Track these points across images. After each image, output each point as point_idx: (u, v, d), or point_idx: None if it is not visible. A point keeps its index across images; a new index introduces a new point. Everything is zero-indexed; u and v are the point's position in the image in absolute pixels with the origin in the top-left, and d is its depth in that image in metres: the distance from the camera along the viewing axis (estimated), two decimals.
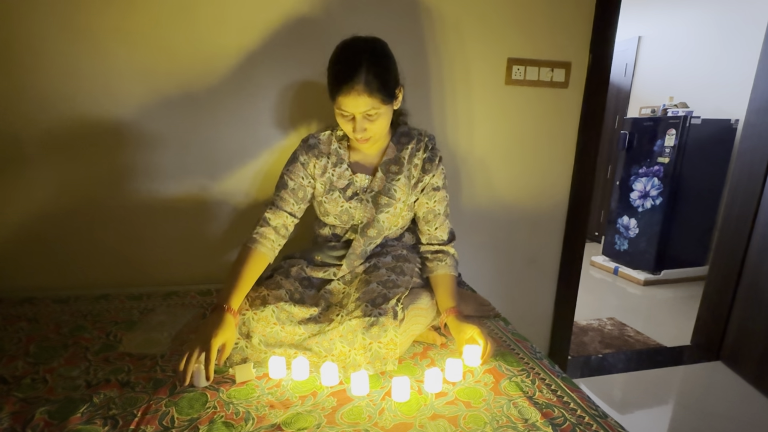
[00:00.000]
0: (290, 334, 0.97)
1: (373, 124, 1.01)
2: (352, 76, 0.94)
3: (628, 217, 3.35)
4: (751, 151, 1.98)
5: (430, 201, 1.15)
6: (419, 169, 1.13)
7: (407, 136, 1.15)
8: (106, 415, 0.77)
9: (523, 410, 0.81)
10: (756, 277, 1.92)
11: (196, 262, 1.44)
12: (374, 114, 1.00)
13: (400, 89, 1.06)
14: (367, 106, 0.97)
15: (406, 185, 1.12)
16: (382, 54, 1.01)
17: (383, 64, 0.99)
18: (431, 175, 1.13)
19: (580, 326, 2.44)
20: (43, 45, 1.21)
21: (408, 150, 1.13)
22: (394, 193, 1.11)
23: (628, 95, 4.02)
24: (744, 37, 3.00)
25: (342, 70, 0.96)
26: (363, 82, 0.94)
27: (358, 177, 1.13)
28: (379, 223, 1.12)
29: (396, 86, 1.04)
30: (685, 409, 1.75)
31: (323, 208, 1.15)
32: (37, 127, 1.25)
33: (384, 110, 1.01)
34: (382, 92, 0.98)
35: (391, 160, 1.13)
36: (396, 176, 1.12)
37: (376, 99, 0.97)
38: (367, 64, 0.95)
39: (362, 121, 1.00)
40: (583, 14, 1.51)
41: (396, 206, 1.12)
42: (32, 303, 1.24)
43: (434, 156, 1.14)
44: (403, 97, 1.09)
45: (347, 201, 1.12)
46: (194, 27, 1.26)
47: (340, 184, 1.13)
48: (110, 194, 1.34)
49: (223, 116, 1.34)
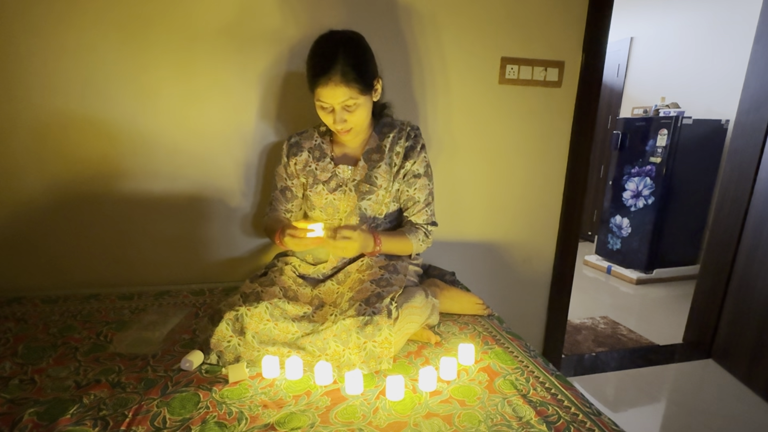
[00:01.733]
0: (283, 331, 0.96)
1: (352, 115, 1.04)
2: (328, 67, 0.98)
3: (620, 216, 3.37)
4: (741, 151, 2.00)
5: (410, 188, 1.17)
6: (401, 156, 1.15)
7: (390, 126, 1.18)
8: (97, 416, 0.76)
9: (517, 408, 0.80)
10: (746, 276, 1.94)
11: (189, 261, 1.43)
12: (353, 105, 1.03)
13: (379, 80, 1.09)
14: (344, 96, 1.00)
15: (387, 172, 1.14)
16: (358, 46, 1.04)
17: (359, 56, 1.02)
18: (412, 162, 1.16)
19: (573, 325, 2.45)
20: (33, 42, 1.19)
21: (389, 138, 1.16)
22: (375, 180, 1.13)
23: (620, 95, 4.04)
24: (734, 39, 3.03)
25: (319, 62, 1.00)
26: (339, 73, 0.98)
27: (341, 168, 1.16)
28: (361, 210, 1.14)
29: (374, 77, 1.07)
30: (677, 406, 1.77)
31: (309, 201, 1.19)
32: (25, 126, 1.23)
33: (362, 101, 1.04)
34: (360, 83, 1.01)
35: (373, 149, 1.16)
36: (377, 164, 1.14)
37: (354, 89, 1.00)
38: (343, 55, 0.98)
39: (341, 113, 1.03)
40: (576, 15, 1.51)
41: (378, 193, 1.14)
42: (20, 303, 1.22)
43: (416, 144, 1.17)
44: (383, 88, 1.12)
45: (331, 193, 1.16)
46: (188, 26, 1.25)
47: (323, 177, 1.16)
48: (101, 193, 1.32)
49: (214, 114, 1.33)
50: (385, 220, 1.20)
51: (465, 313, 1.22)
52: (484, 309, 1.23)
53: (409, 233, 1.16)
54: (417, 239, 1.17)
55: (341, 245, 0.98)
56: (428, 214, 1.19)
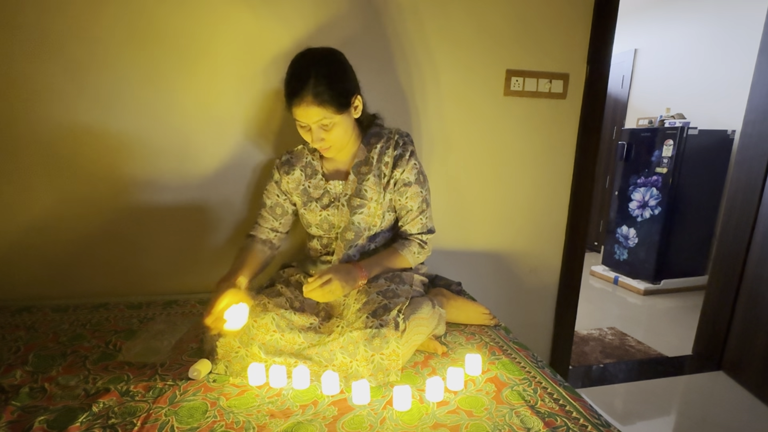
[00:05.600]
0: (290, 342, 0.96)
1: (329, 133, 1.04)
2: (301, 88, 0.98)
3: (627, 226, 3.36)
4: (748, 162, 1.99)
5: (401, 197, 1.16)
6: (390, 166, 1.14)
7: (377, 137, 1.17)
8: (106, 424, 0.76)
9: (525, 419, 0.80)
10: (756, 286, 1.92)
11: (197, 271, 1.44)
12: (329, 123, 1.03)
13: (357, 97, 1.08)
14: (318, 116, 1.00)
15: (376, 184, 1.13)
16: (332, 64, 1.03)
17: (333, 75, 1.01)
18: (401, 171, 1.14)
19: (580, 336, 2.43)
20: (45, 56, 1.22)
21: (377, 149, 1.15)
22: (365, 193, 1.13)
23: (625, 106, 4.05)
24: (739, 49, 3.04)
25: (291, 83, 1.00)
26: (312, 94, 0.98)
27: (332, 184, 1.16)
28: (355, 224, 1.13)
29: (351, 95, 1.05)
30: (687, 419, 1.74)
31: (305, 219, 1.19)
32: (36, 139, 1.26)
33: (339, 119, 1.03)
34: (334, 102, 1.00)
35: (362, 162, 1.16)
36: (366, 176, 1.13)
37: (328, 110, 1.00)
38: (316, 76, 0.98)
39: (318, 131, 1.03)
40: (581, 27, 1.53)
41: (369, 206, 1.13)
42: (30, 311, 1.23)
43: (405, 152, 1.15)
44: (364, 103, 1.11)
45: (324, 209, 1.15)
46: (196, 41, 1.28)
47: (316, 194, 1.16)
48: (109, 204, 1.34)
49: (221, 127, 1.35)
50: (384, 231, 1.19)
51: (472, 323, 1.22)
52: (490, 319, 1.23)
53: (402, 248, 1.16)
54: (411, 252, 1.16)
55: (325, 290, 0.98)
56: (423, 223, 1.18)
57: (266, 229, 1.19)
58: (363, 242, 1.16)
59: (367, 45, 1.36)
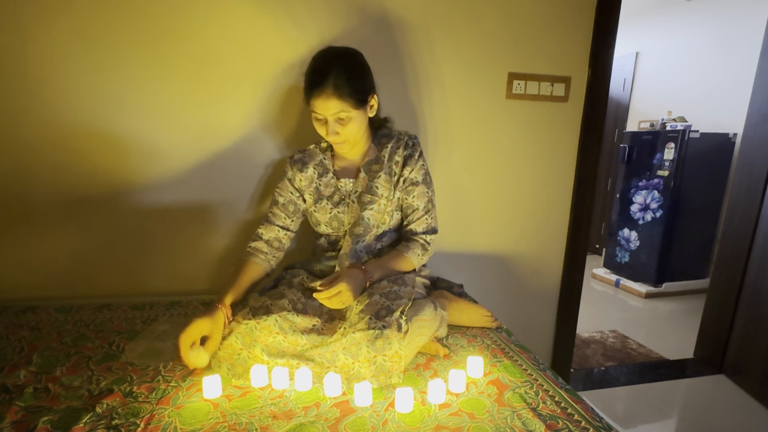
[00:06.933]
0: (293, 344, 0.97)
1: (344, 127, 1.08)
2: (322, 80, 1.02)
3: (628, 229, 3.36)
4: (749, 165, 1.99)
5: (408, 196, 1.19)
6: (400, 165, 1.18)
7: (387, 137, 1.21)
8: (109, 425, 0.77)
9: (527, 422, 0.80)
10: (757, 290, 1.92)
11: (200, 272, 1.45)
12: (345, 117, 1.06)
13: (374, 96, 1.12)
14: (336, 108, 1.04)
15: (387, 181, 1.16)
16: (353, 61, 1.08)
17: (352, 70, 1.05)
18: (410, 170, 1.18)
19: (582, 338, 2.43)
20: (48, 57, 1.23)
21: (388, 148, 1.19)
22: (377, 189, 1.16)
23: (627, 109, 4.06)
24: (740, 53, 3.04)
25: (313, 75, 1.04)
26: (332, 86, 1.01)
27: (343, 182, 1.19)
28: (364, 220, 1.15)
29: (368, 93, 1.10)
30: (688, 422, 1.74)
31: (314, 218, 1.20)
32: (39, 140, 1.27)
33: (355, 114, 1.07)
34: (353, 97, 1.04)
35: (372, 160, 1.19)
36: (377, 174, 1.17)
37: (346, 103, 1.04)
38: (337, 69, 1.02)
39: (334, 125, 1.07)
40: (582, 31, 1.54)
41: (380, 203, 1.16)
42: (34, 312, 1.24)
43: (414, 152, 1.19)
44: (379, 105, 1.15)
45: (335, 207, 1.18)
46: (199, 41, 1.29)
47: (327, 192, 1.19)
48: (112, 204, 1.35)
49: (224, 127, 1.36)
50: (390, 230, 1.21)
51: (473, 325, 1.22)
52: (492, 321, 1.23)
53: (406, 251, 1.16)
54: (415, 254, 1.17)
55: (335, 300, 1.00)
56: (428, 222, 1.20)
57: (277, 227, 1.18)
58: (370, 240, 1.17)
59: (376, 51, 1.37)
